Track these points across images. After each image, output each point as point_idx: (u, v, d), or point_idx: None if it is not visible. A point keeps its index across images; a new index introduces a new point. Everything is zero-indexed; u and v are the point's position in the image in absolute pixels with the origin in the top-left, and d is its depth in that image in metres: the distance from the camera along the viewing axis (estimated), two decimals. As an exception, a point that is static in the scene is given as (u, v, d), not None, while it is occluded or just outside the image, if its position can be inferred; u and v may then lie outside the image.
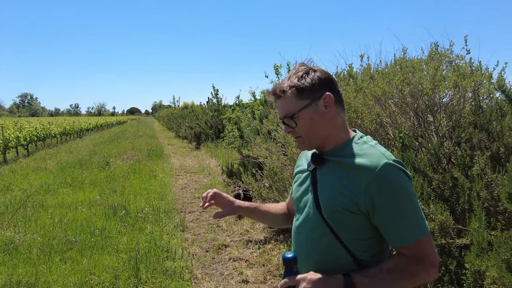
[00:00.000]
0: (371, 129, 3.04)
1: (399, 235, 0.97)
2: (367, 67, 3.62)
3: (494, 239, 1.54)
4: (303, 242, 1.10)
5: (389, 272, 0.96)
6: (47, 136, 14.89)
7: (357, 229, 1.01)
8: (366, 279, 0.95)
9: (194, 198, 6.07)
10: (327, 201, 1.04)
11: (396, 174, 0.96)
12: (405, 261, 0.97)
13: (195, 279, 3.22)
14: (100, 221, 4.63)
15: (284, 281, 0.98)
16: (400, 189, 0.96)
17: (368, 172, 0.96)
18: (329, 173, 1.07)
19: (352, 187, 0.99)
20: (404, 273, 0.96)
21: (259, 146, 4.44)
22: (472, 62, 2.82)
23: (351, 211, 0.99)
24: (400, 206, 0.96)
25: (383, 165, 0.96)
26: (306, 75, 1.04)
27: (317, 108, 1.04)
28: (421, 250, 0.96)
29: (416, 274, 0.97)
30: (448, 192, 2.25)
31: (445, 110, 2.93)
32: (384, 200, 0.95)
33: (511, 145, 2.20)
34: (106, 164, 9.10)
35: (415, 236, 0.95)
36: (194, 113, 17.12)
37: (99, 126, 30.13)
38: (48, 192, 6.32)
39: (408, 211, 0.96)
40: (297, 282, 0.96)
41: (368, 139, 1.08)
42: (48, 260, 3.50)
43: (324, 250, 1.05)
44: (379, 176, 0.95)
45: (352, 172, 1.00)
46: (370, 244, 1.03)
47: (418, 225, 0.96)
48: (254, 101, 8.92)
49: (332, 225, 1.02)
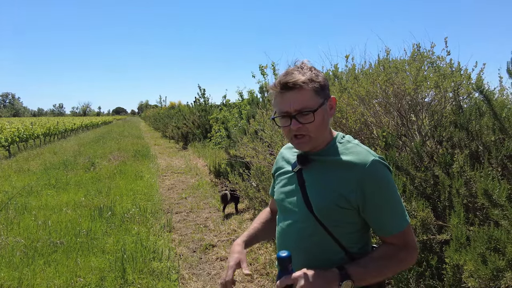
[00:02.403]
0: (355, 129, 3.09)
1: (389, 225, 1.04)
2: (352, 68, 3.68)
3: (472, 234, 1.60)
4: (292, 241, 1.11)
5: (380, 259, 1.03)
6: (30, 137, 14.54)
7: (348, 224, 1.06)
8: (360, 269, 1.00)
9: (181, 199, 6.04)
10: (318, 200, 1.06)
11: (383, 170, 1.04)
12: (393, 248, 1.04)
13: (182, 279, 3.21)
14: (85, 223, 4.56)
15: (281, 280, 0.98)
16: (387, 183, 1.04)
17: (358, 168, 1.02)
18: (317, 172, 1.09)
19: (343, 184, 1.04)
20: (393, 259, 1.03)
21: (246, 146, 4.45)
22: (452, 63, 2.90)
23: (342, 206, 1.03)
24: (388, 198, 1.04)
25: (372, 162, 1.02)
26: (319, 73, 1.08)
27: (326, 108, 1.08)
28: (407, 237, 1.05)
29: (404, 259, 1.05)
30: (430, 189, 2.31)
31: (427, 109, 3.00)
32: (375, 193, 1.02)
33: (489, 144, 2.27)
34: (91, 165, 8.96)
35: (401, 225, 1.04)
36: (181, 113, 16.98)
37: (84, 126, 29.60)
38: (31, 194, 6.19)
39: (394, 202, 1.05)
40: (294, 280, 0.97)
41: (350, 138, 1.13)
42: (32, 263, 3.43)
43: (315, 247, 1.07)
44: (369, 172, 1.02)
45: (341, 169, 1.05)
46: (359, 237, 1.09)
47: (402, 214, 1.05)
48: (241, 101, 8.93)
49: (324, 222, 1.05)
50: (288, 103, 1.03)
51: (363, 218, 1.06)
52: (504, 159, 2.13)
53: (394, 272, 1.08)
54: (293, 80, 1.02)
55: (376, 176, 1.02)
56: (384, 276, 1.07)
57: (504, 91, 2.86)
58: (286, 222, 1.14)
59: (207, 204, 5.72)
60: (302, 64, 1.09)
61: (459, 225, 1.71)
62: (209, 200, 5.92)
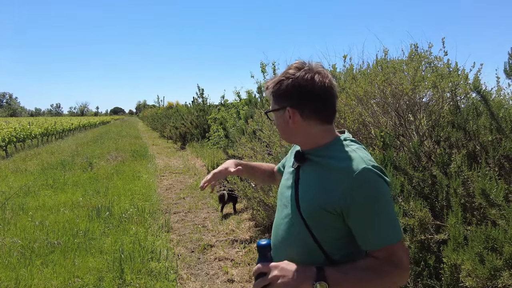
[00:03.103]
0: (353, 129, 3.09)
1: (371, 239, 0.98)
2: (350, 68, 3.69)
3: (469, 234, 1.61)
4: (281, 236, 1.13)
5: (361, 270, 0.97)
6: (27, 137, 14.49)
7: (332, 229, 1.02)
8: (338, 274, 0.96)
9: (179, 199, 6.03)
10: (305, 199, 1.06)
11: (374, 180, 0.97)
12: (377, 262, 0.98)
13: (180, 280, 3.21)
14: (83, 223, 4.55)
15: (257, 267, 1.01)
16: (376, 195, 0.97)
17: (347, 175, 0.98)
18: (311, 172, 1.09)
19: (331, 188, 1.00)
20: (376, 273, 0.97)
21: (244, 146, 4.45)
22: (450, 63, 2.91)
23: (328, 210, 1.00)
24: (374, 211, 0.97)
25: (362, 170, 0.97)
26: (282, 81, 1.06)
27: (283, 116, 1.09)
28: (393, 254, 0.97)
29: (389, 273, 0.97)
30: (427, 189, 2.32)
31: (425, 109, 3.01)
32: (360, 203, 0.96)
33: (486, 144, 2.28)
34: (89, 165, 8.94)
35: (387, 241, 0.97)
36: (179, 113, 16.96)
37: (82, 126, 29.52)
38: (29, 194, 6.16)
39: (382, 216, 0.97)
40: (269, 269, 0.99)
41: (351, 142, 1.09)
42: (29, 263, 3.42)
43: (298, 246, 1.07)
44: (357, 180, 0.96)
45: (331, 173, 1.02)
46: (344, 244, 1.04)
47: (392, 230, 0.98)
48: (239, 101, 8.93)
49: (309, 223, 1.04)
50: None
51: (348, 226, 1.01)
52: (501, 159, 2.14)
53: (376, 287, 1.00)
54: (266, 84, 1.13)
55: (363, 185, 0.96)
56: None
57: (501, 91, 2.87)
58: (280, 215, 1.16)
59: (205, 204, 5.71)
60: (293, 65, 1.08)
61: (456, 225, 1.72)
62: (207, 200, 5.92)
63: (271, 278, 0.97)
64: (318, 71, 1.05)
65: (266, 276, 0.99)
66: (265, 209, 3.99)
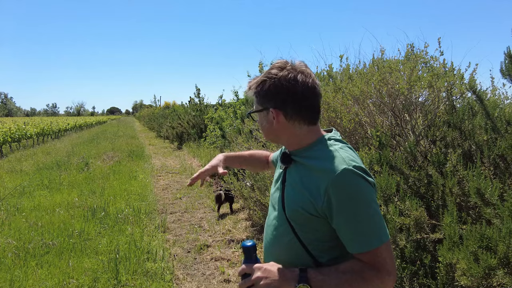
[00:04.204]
0: (349, 128, 3.10)
1: (354, 242, 0.95)
2: (346, 68, 3.69)
3: (464, 233, 1.61)
4: (269, 237, 1.13)
5: (344, 273, 0.95)
6: (23, 137, 14.39)
7: (317, 231, 1.01)
8: (320, 276, 0.95)
9: (176, 199, 6.01)
10: (289, 201, 1.05)
11: (354, 180, 0.94)
12: (360, 265, 0.95)
13: (176, 280, 3.19)
14: (78, 223, 4.52)
15: (242, 268, 1.01)
16: (357, 196, 0.93)
17: (327, 176, 0.95)
18: (295, 173, 1.08)
19: (312, 189, 0.98)
20: (358, 277, 0.94)
21: (240, 146, 4.44)
22: (446, 63, 2.92)
23: (310, 212, 0.98)
24: (356, 213, 0.93)
25: (342, 171, 0.93)
26: (265, 82, 1.04)
27: (267, 116, 1.07)
28: (377, 258, 0.94)
29: (370, 280, 0.94)
30: (423, 189, 2.32)
31: (421, 109, 3.02)
32: (341, 205, 0.93)
33: (481, 143, 2.29)
34: (85, 165, 8.89)
35: (370, 244, 0.93)
36: (176, 113, 16.92)
37: (78, 126, 29.37)
38: (24, 195, 6.12)
39: (365, 218, 0.94)
40: (252, 270, 1.00)
41: (335, 142, 1.06)
42: (24, 264, 3.39)
43: (285, 248, 1.07)
44: (336, 180, 0.93)
45: (314, 174, 1.00)
46: (330, 248, 1.02)
47: (375, 233, 0.94)
48: (236, 101, 8.92)
49: (293, 225, 1.03)
50: None
51: (334, 229, 0.98)
52: (496, 158, 2.14)
53: None
54: (248, 85, 1.11)
55: (343, 186, 0.93)
56: None
57: (496, 91, 2.89)
58: (270, 217, 1.17)
59: (202, 204, 5.70)
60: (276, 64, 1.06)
61: (452, 224, 1.72)
62: (204, 200, 5.90)
63: (254, 279, 0.98)
64: (301, 70, 1.03)
65: (250, 277, 0.99)
66: (262, 209, 3.99)
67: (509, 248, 1.43)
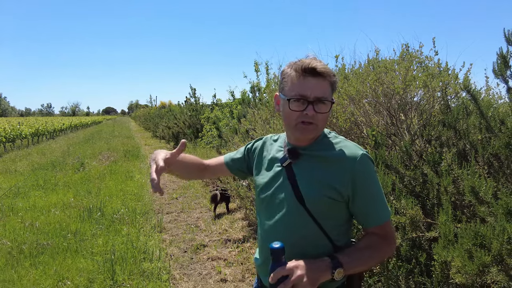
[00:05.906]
0: (345, 128, 3.11)
1: (376, 216, 1.09)
2: (342, 68, 3.70)
3: (459, 231, 1.62)
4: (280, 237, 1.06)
5: (365, 249, 1.07)
6: (17, 137, 14.29)
7: (337, 216, 1.11)
8: (346, 257, 1.02)
9: (172, 199, 6.00)
10: (310, 193, 1.08)
11: (371, 163, 1.10)
12: (377, 239, 1.08)
13: (173, 280, 3.19)
14: (74, 224, 4.50)
15: (277, 272, 0.94)
16: (374, 176, 1.10)
17: (350, 162, 1.07)
18: (308, 166, 1.11)
19: (334, 177, 1.07)
20: (375, 249, 1.07)
21: (237, 146, 4.44)
22: (440, 63, 2.94)
23: (335, 199, 1.07)
24: (376, 191, 1.10)
25: (361, 156, 1.08)
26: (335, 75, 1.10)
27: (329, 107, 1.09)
28: (389, 228, 1.11)
29: (385, 251, 1.10)
30: (419, 188, 2.34)
31: (416, 109, 3.04)
32: (364, 186, 1.07)
33: (475, 142, 2.31)
34: (81, 165, 8.84)
35: (387, 216, 1.10)
36: (172, 113, 16.85)
37: (74, 126, 29.21)
38: (19, 195, 6.07)
39: (380, 194, 1.11)
40: (290, 271, 0.94)
41: (335, 134, 1.19)
42: (18, 265, 3.37)
43: (304, 241, 1.09)
44: (359, 165, 1.07)
45: (331, 163, 1.09)
46: (345, 230, 1.15)
47: (386, 208, 1.11)
48: (232, 101, 8.90)
49: (315, 215, 1.08)
50: (310, 89, 1.04)
51: (349, 211, 1.12)
52: (490, 157, 2.16)
53: (376, 263, 1.15)
54: (322, 68, 1.04)
55: (365, 169, 1.07)
56: (368, 266, 1.13)
57: (490, 91, 2.91)
58: (273, 219, 1.14)
59: (198, 204, 5.69)
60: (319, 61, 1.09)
61: (447, 222, 1.73)
62: (200, 200, 5.90)
63: (295, 279, 0.93)
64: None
65: (289, 279, 0.94)
66: (258, 208, 3.99)
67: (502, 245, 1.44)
